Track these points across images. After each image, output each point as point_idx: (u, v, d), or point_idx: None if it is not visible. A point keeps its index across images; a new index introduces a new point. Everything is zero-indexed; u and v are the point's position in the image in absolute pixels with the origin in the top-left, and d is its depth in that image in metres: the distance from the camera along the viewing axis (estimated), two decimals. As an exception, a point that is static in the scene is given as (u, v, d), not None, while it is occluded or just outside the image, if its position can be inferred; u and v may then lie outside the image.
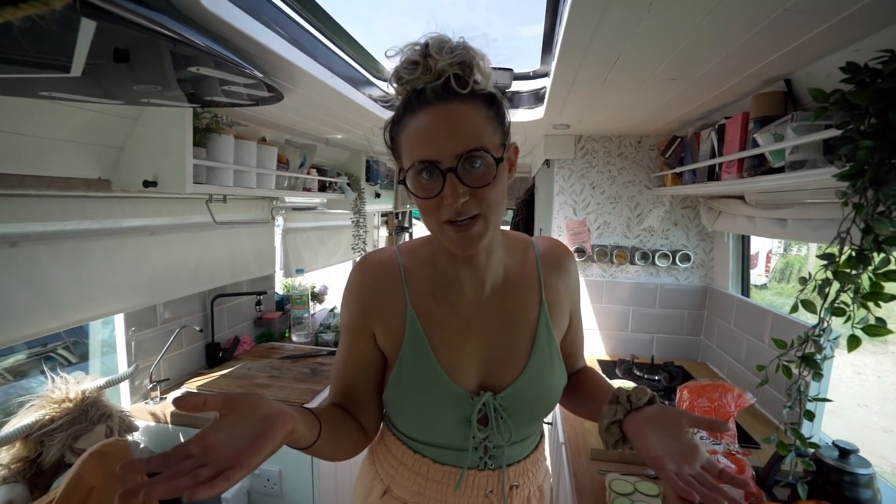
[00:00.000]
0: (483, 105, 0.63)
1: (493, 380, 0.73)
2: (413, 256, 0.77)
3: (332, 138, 2.22)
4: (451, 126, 0.60)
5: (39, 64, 0.68)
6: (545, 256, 0.80)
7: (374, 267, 0.76)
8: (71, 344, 1.67)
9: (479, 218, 0.63)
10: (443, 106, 0.61)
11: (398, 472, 0.77)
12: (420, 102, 0.62)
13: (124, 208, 1.39)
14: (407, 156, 0.64)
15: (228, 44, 0.87)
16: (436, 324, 0.73)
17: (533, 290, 0.77)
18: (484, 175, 0.62)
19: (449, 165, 0.60)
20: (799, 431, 0.84)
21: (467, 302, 0.74)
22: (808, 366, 0.81)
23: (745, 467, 1.10)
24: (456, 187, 0.60)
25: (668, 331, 2.11)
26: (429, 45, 0.62)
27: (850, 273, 0.73)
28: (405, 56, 0.63)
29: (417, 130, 0.62)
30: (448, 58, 0.61)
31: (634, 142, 2.06)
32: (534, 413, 0.75)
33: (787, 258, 5.37)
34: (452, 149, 0.60)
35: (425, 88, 0.61)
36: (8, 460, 1.13)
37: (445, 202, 0.61)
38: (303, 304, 2.36)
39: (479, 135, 0.61)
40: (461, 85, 0.61)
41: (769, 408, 1.52)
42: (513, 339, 0.75)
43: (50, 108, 1.03)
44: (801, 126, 0.93)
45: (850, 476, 0.99)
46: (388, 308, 0.73)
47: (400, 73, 0.64)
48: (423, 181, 0.62)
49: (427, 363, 0.71)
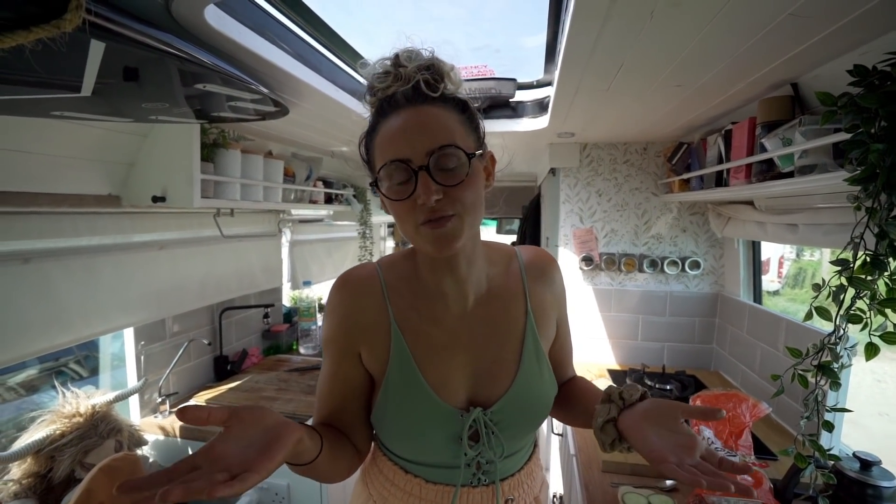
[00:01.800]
0: (455, 109, 0.64)
1: (482, 394, 0.71)
2: (394, 272, 0.75)
3: (337, 151, 2.24)
4: (421, 124, 0.61)
5: (51, 84, 0.70)
6: (529, 266, 0.79)
7: (356, 285, 0.74)
8: (82, 358, 1.68)
9: (455, 217, 0.62)
10: (413, 108, 0.61)
11: (391, 493, 0.75)
12: (391, 107, 0.62)
13: (133, 223, 1.41)
14: (379, 159, 0.63)
15: (234, 61, 0.89)
16: (421, 340, 0.71)
17: (518, 301, 0.76)
18: (457, 173, 0.61)
19: (420, 163, 0.60)
20: (818, 443, 0.81)
21: (452, 315, 0.73)
22: (824, 375, 0.78)
23: (762, 479, 1.07)
24: (428, 185, 0.59)
25: (679, 339, 2.07)
26: (398, 55, 0.63)
27: (866, 279, 0.71)
28: (375, 68, 0.64)
29: (388, 132, 0.62)
30: (418, 65, 0.62)
31: (640, 149, 2.05)
32: (525, 425, 0.74)
33: (799, 263, 5.28)
34: (423, 146, 0.60)
35: (396, 93, 0.62)
36: (19, 475, 1.13)
37: (419, 202, 0.60)
38: (310, 316, 2.36)
39: (451, 133, 0.61)
40: (431, 89, 0.62)
41: (786, 418, 1.49)
42: (500, 351, 0.73)
43: (61, 126, 1.06)
44: (809, 130, 0.92)
45: (872, 489, 0.96)
46: (372, 327, 0.72)
47: (373, 84, 0.64)
48: (395, 184, 0.62)
49: (414, 381, 0.70)
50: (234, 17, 0.81)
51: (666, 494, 1.13)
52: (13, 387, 1.46)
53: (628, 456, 1.31)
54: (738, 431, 1.17)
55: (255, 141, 1.72)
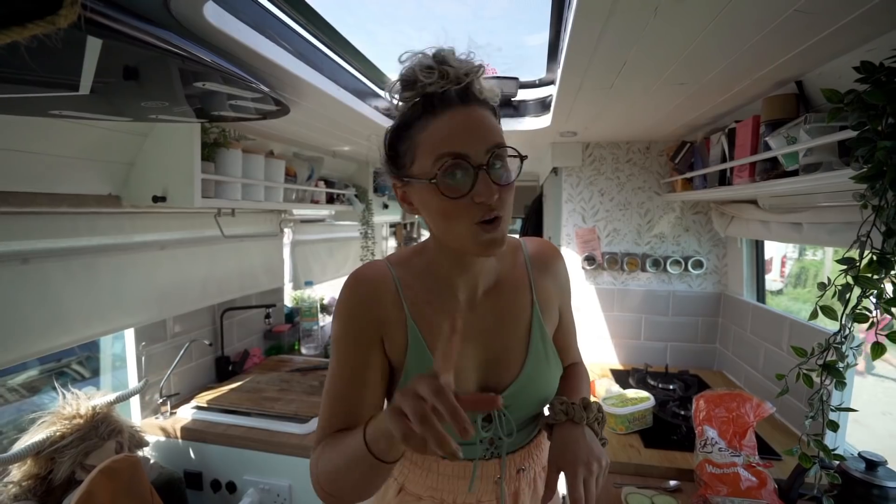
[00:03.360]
0: (492, 111, 0.67)
1: (493, 381, 0.76)
2: (405, 268, 0.77)
3: (339, 150, 2.23)
4: (478, 125, 0.63)
5: (48, 83, 0.69)
6: (534, 258, 0.82)
7: (370, 281, 0.75)
8: (84, 359, 1.68)
9: (501, 220, 0.64)
10: (466, 108, 0.63)
11: (410, 470, 0.79)
12: (445, 102, 0.63)
13: (134, 223, 1.41)
14: (428, 155, 0.63)
15: (234, 59, 0.88)
16: (435, 331, 0.74)
17: (524, 292, 0.79)
18: (508, 174, 0.65)
19: (480, 162, 0.61)
20: (822, 443, 0.81)
21: (464, 307, 0.76)
22: (830, 374, 0.78)
23: (766, 479, 1.06)
24: (489, 184, 0.61)
25: (682, 339, 2.06)
26: (444, 53, 0.64)
27: (872, 278, 0.70)
28: (419, 62, 0.64)
29: (445, 128, 0.62)
30: (466, 66, 0.64)
31: (643, 148, 2.04)
32: (533, 408, 0.79)
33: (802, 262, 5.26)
34: (482, 144, 0.61)
35: (448, 91, 0.63)
36: (19, 477, 1.13)
37: (477, 200, 0.61)
38: (312, 316, 2.35)
39: (502, 135, 0.65)
40: (479, 92, 0.65)
41: (789, 417, 1.48)
42: (508, 340, 0.77)
43: (60, 126, 1.05)
44: (814, 128, 0.91)
45: (878, 489, 0.95)
46: (390, 320, 0.74)
47: (416, 77, 0.63)
48: (454, 181, 0.62)
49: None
50: (234, 14, 0.80)
51: (669, 495, 1.13)
52: (14, 388, 1.45)
53: (632, 456, 1.31)
54: (742, 431, 1.16)
55: (256, 140, 1.71)
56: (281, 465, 1.48)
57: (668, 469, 1.24)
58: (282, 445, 1.47)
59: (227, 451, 1.52)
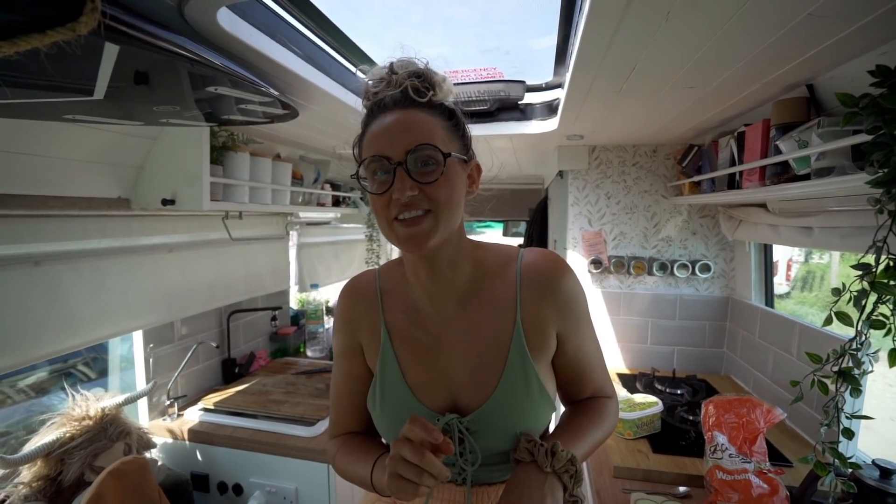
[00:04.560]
0: (440, 115, 0.67)
1: (462, 400, 0.73)
2: (389, 276, 0.80)
3: (344, 153, 2.24)
4: (403, 125, 0.64)
5: (64, 88, 0.70)
6: (526, 272, 0.74)
7: (354, 290, 0.80)
8: (91, 360, 1.68)
9: (429, 215, 0.64)
10: (400, 111, 0.65)
11: None
12: (380, 109, 0.66)
13: (143, 226, 1.42)
14: (365, 156, 0.67)
15: (246, 63, 0.89)
16: (407, 342, 0.75)
17: (507, 309, 0.73)
18: (432, 172, 0.64)
19: (398, 160, 0.63)
20: (838, 451, 0.80)
21: (437, 319, 0.74)
22: (845, 381, 0.77)
23: (777, 487, 1.05)
24: (404, 180, 0.62)
25: (690, 343, 2.05)
26: (394, 62, 0.67)
27: (889, 283, 0.69)
28: (372, 73, 0.68)
29: (374, 131, 0.66)
30: (405, 70, 0.66)
31: (650, 151, 2.04)
32: (505, 439, 0.72)
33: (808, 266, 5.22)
34: (403, 145, 0.63)
35: (385, 97, 0.66)
36: (29, 478, 1.13)
37: (394, 197, 0.63)
38: (317, 318, 2.36)
39: (431, 135, 0.64)
40: (419, 95, 0.65)
41: (800, 424, 1.46)
42: (483, 359, 0.72)
43: (71, 130, 1.06)
44: (827, 132, 0.90)
45: (893, 498, 0.94)
46: (367, 327, 0.77)
47: (368, 88, 0.68)
48: (375, 178, 0.65)
49: (396, 381, 0.74)
50: (246, 19, 0.81)
51: (679, 501, 1.12)
52: (23, 389, 1.46)
53: (640, 461, 1.30)
54: (753, 437, 1.15)
55: (263, 144, 1.72)
56: (287, 467, 1.48)
57: (677, 475, 1.23)
58: (288, 448, 1.47)
59: (234, 454, 1.52)
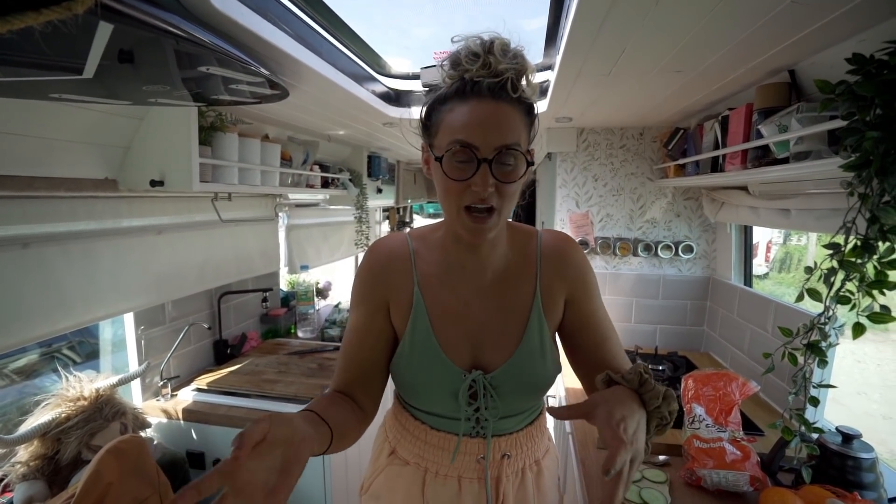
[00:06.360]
0: (524, 112, 0.69)
1: (485, 360, 0.79)
2: (423, 242, 0.84)
3: (334, 134, 2.22)
4: (497, 121, 0.65)
5: (53, 66, 0.69)
6: (545, 249, 0.83)
7: (387, 250, 0.83)
8: (76, 344, 1.68)
9: (495, 212, 0.69)
10: (494, 102, 0.66)
11: (402, 436, 0.85)
12: (474, 92, 0.66)
13: (131, 208, 1.40)
14: (446, 135, 0.68)
15: (237, 42, 0.88)
16: (438, 304, 0.79)
17: (529, 281, 0.81)
18: (513, 172, 0.67)
19: (486, 156, 0.65)
20: (804, 417, 0.86)
21: (468, 287, 0.80)
22: (813, 353, 0.82)
23: (749, 453, 1.12)
24: (487, 177, 0.65)
25: (672, 321, 2.13)
26: (494, 43, 0.66)
27: (856, 262, 0.74)
28: (468, 46, 0.67)
29: (465, 116, 0.66)
30: (509, 62, 0.66)
31: (636, 134, 2.06)
32: (522, 394, 0.80)
33: (786, 248, 5.38)
34: (494, 141, 0.65)
35: (482, 81, 0.65)
36: (27, 458, 1.14)
37: (472, 188, 0.66)
38: (308, 300, 2.37)
39: (519, 135, 0.67)
40: (514, 89, 0.66)
41: (772, 396, 1.55)
42: (506, 324, 0.79)
43: (56, 109, 1.04)
44: (805, 117, 0.94)
45: (853, 460, 1.01)
46: (398, 287, 0.80)
47: (460, 60, 0.67)
48: (457, 163, 0.67)
49: (427, 339, 0.78)
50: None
51: (659, 469, 1.18)
52: (8, 374, 1.45)
53: (622, 433, 1.37)
54: (728, 409, 1.21)
55: (252, 124, 1.70)
56: (283, 444, 1.51)
57: (657, 445, 1.30)
58: (283, 426, 1.50)
59: (229, 432, 1.54)
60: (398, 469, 0.85)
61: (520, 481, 0.83)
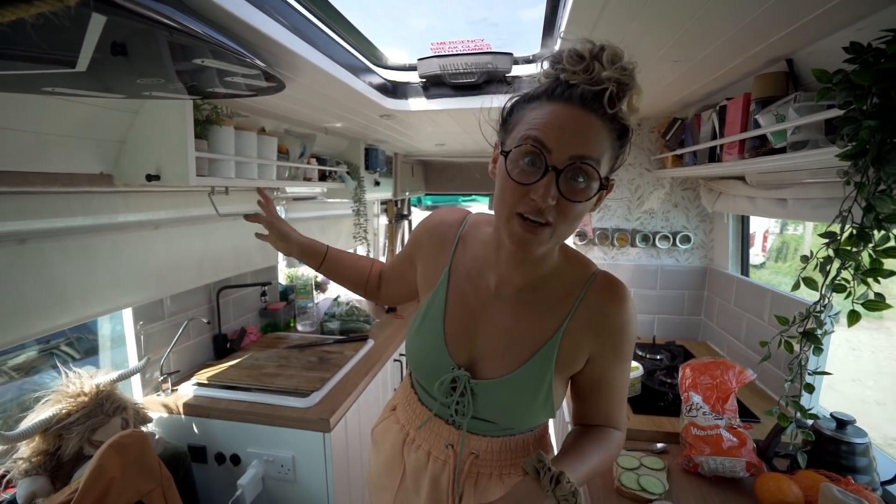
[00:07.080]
0: (615, 133, 0.63)
1: (477, 366, 0.78)
2: (474, 230, 0.84)
3: (331, 127, 2.20)
4: (580, 129, 0.59)
5: (45, 60, 0.68)
6: (591, 294, 0.73)
7: (439, 221, 0.87)
8: (75, 340, 1.67)
9: (549, 228, 0.62)
10: (583, 112, 0.59)
11: (402, 399, 0.93)
12: (566, 95, 0.60)
13: (127, 203, 1.39)
14: (520, 131, 0.63)
15: (232, 34, 0.87)
16: (457, 295, 0.81)
17: (557, 319, 0.74)
18: (582, 192, 0.61)
19: (557, 164, 0.59)
20: (799, 403, 0.87)
21: (492, 293, 0.78)
22: (809, 341, 0.83)
23: (746, 440, 1.13)
24: (550, 188, 0.59)
25: (669, 311, 2.14)
26: (604, 48, 0.60)
27: (851, 250, 0.74)
28: (574, 46, 0.61)
29: (547, 115, 0.60)
30: (614, 72, 0.59)
31: (634, 124, 2.06)
32: (498, 415, 0.78)
33: (783, 237, 5.40)
34: (570, 149, 0.59)
35: (578, 86, 0.60)
36: (28, 454, 1.15)
37: (531, 195, 0.60)
38: (307, 293, 2.37)
39: (600, 152, 0.61)
40: (611, 104, 0.59)
41: (768, 384, 1.56)
42: (509, 347, 0.75)
43: (49, 103, 1.03)
44: (803, 106, 0.94)
45: (847, 445, 1.03)
46: (432, 259, 0.85)
47: (561, 59, 0.62)
48: (523, 164, 0.61)
49: (435, 321, 0.81)
50: (232, -12, 0.79)
51: (657, 456, 1.20)
52: (13, 367, 1.45)
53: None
54: (725, 396, 1.23)
55: (248, 117, 1.69)
56: (284, 437, 1.52)
57: (655, 433, 1.32)
58: (285, 419, 1.51)
59: (230, 426, 1.55)
60: (391, 425, 0.93)
61: (485, 484, 0.80)
